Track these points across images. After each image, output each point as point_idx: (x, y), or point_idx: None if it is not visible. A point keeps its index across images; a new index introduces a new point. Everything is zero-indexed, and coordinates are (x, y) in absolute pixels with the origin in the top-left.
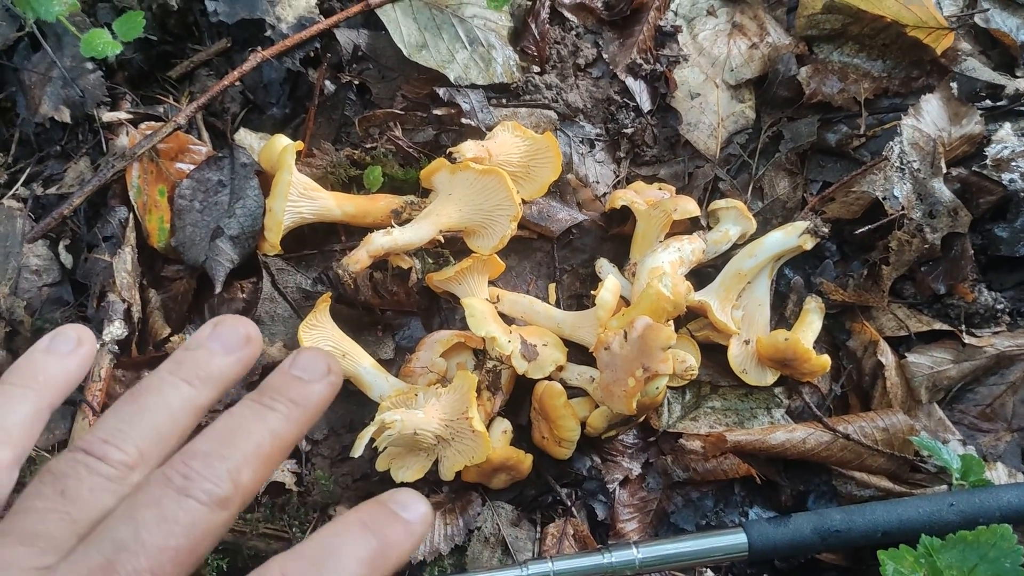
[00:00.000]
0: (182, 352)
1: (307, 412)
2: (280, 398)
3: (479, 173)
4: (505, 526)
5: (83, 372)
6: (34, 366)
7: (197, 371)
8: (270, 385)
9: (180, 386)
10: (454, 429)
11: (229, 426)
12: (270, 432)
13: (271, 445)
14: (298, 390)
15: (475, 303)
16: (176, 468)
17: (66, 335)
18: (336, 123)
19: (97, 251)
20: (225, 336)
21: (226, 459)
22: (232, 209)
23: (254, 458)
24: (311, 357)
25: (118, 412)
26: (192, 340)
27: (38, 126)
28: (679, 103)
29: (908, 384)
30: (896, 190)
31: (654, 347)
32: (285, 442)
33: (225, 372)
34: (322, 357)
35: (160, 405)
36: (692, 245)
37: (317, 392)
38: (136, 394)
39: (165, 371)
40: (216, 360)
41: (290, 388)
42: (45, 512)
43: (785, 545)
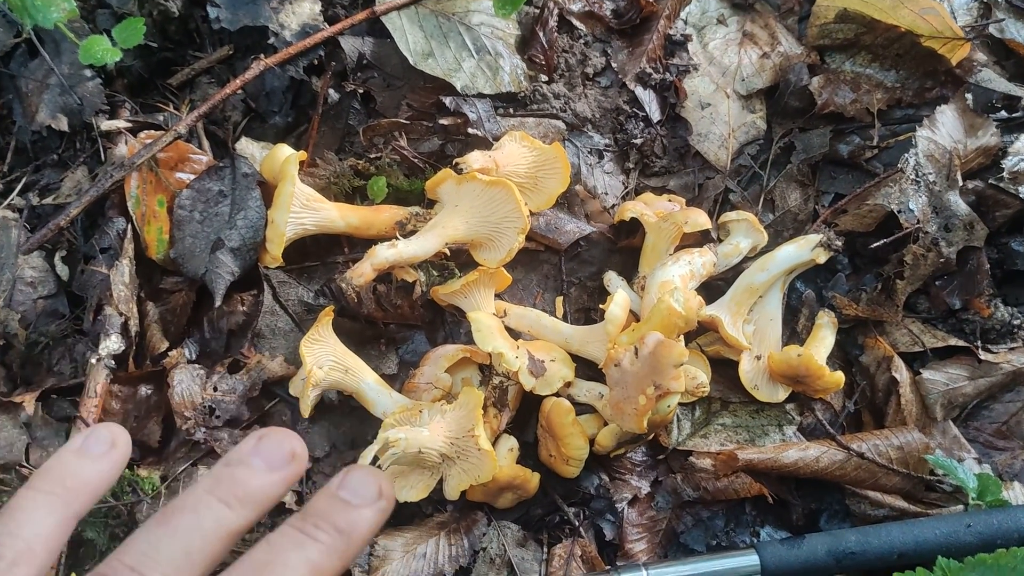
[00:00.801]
0: (222, 468)
1: (353, 543)
2: (324, 525)
3: (486, 184)
4: (511, 547)
5: (116, 476)
6: (63, 469)
7: (235, 490)
8: (314, 510)
9: (216, 507)
10: (459, 447)
11: (264, 559)
12: (309, 564)
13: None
14: (345, 516)
15: (481, 317)
16: None
17: (99, 435)
18: (340, 132)
19: (94, 263)
20: (269, 452)
21: None
22: (233, 220)
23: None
24: (361, 478)
25: (148, 533)
26: (233, 454)
27: (35, 134)
28: (689, 113)
29: (923, 401)
30: (911, 203)
31: (666, 364)
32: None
33: (267, 492)
34: (373, 479)
35: (193, 528)
36: (703, 258)
37: (366, 519)
38: (169, 514)
39: (202, 489)
40: (257, 479)
41: (336, 513)
42: None
43: (799, 567)
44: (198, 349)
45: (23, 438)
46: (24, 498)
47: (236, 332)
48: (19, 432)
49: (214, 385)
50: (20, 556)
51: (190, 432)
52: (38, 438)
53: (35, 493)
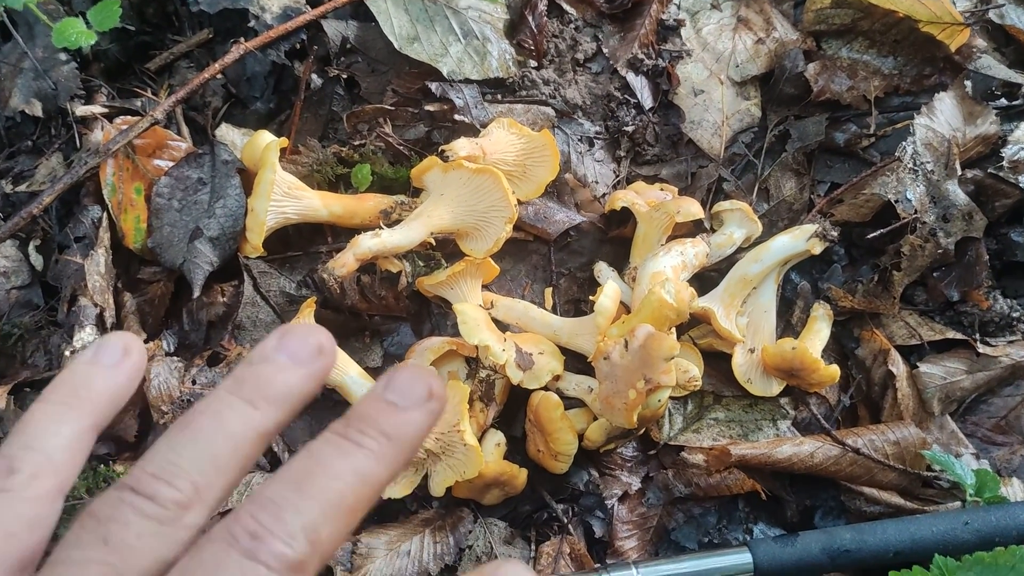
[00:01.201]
0: (243, 368)
1: (403, 448)
2: (370, 431)
3: (473, 172)
4: (498, 544)
5: (133, 386)
6: (76, 380)
7: (261, 390)
8: (358, 414)
9: (241, 407)
10: (444, 442)
11: (306, 468)
12: (356, 475)
13: (357, 492)
14: (392, 420)
15: (467, 309)
16: (242, 523)
17: (111, 344)
18: (323, 119)
19: (68, 252)
20: (294, 347)
21: (301, 512)
22: (212, 209)
23: (335, 509)
24: (409, 378)
25: (170, 440)
26: (255, 353)
27: (8, 120)
28: (682, 100)
29: (920, 395)
30: (909, 192)
31: (656, 357)
32: (374, 487)
33: (294, 390)
34: (422, 377)
35: (218, 431)
36: (695, 249)
37: (415, 422)
38: (190, 419)
39: (223, 390)
40: (283, 375)
41: (383, 417)
42: (85, 564)
43: (792, 565)
44: (176, 341)
45: None
46: (38, 411)
47: (216, 324)
48: None
49: (193, 378)
50: (40, 468)
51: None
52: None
53: (48, 405)
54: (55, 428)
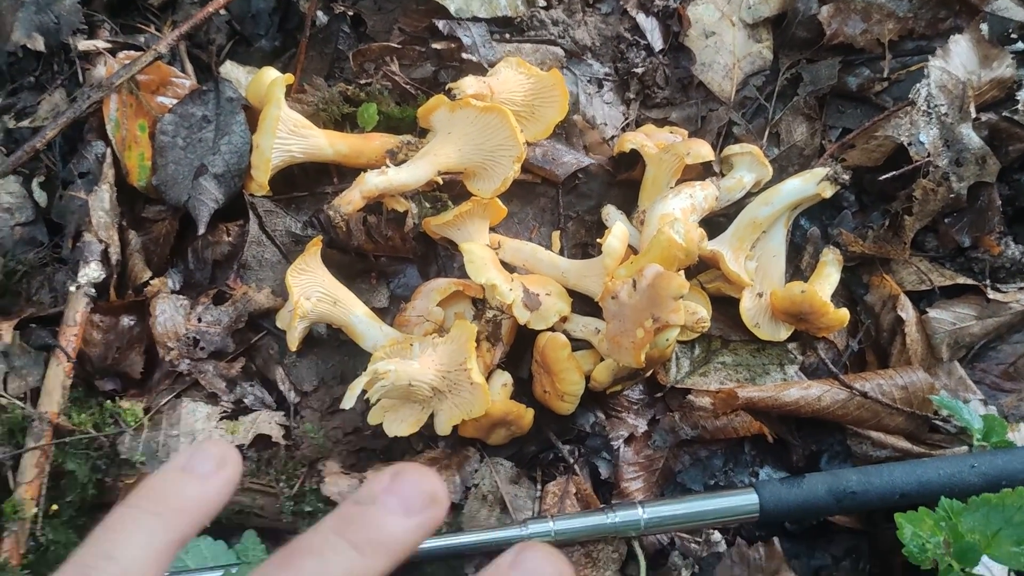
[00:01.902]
0: (351, 507)
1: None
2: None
3: (480, 111)
4: (504, 484)
5: (224, 499)
6: (167, 488)
7: (368, 533)
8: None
9: (345, 551)
10: (451, 381)
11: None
12: None
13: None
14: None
15: (475, 248)
16: None
17: (208, 453)
18: (329, 57)
19: (73, 188)
20: (406, 492)
21: None
22: (217, 146)
23: None
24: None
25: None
26: (364, 492)
27: (10, 55)
28: (693, 42)
29: (929, 341)
30: (922, 135)
31: (665, 296)
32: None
33: (403, 540)
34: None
35: (318, 574)
36: (704, 192)
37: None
38: (291, 555)
39: (329, 529)
40: (393, 523)
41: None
42: None
43: (798, 507)
44: (182, 279)
45: (1, 367)
46: (124, 517)
47: (221, 263)
48: None
49: (198, 316)
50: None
51: (174, 363)
52: (16, 367)
53: (136, 512)
54: (138, 539)
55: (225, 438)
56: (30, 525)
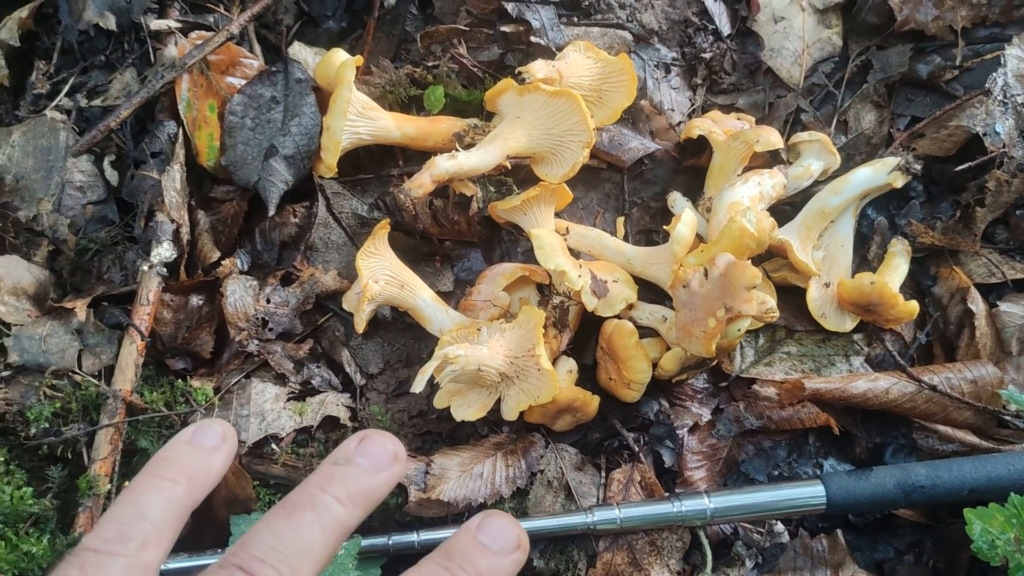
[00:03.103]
0: (330, 467)
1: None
2: (468, 568)
3: (550, 95)
4: (569, 470)
5: (224, 470)
6: (180, 459)
7: (347, 489)
8: (457, 549)
9: (331, 504)
10: (519, 366)
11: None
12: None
13: None
14: (487, 562)
15: (544, 234)
16: None
17: (212, 429)
18: (396, 39)
19: (144, 168)
20: (373, 453)
21: None
22: (287, 127)
23: None
24: (502, 526)
25: (271, 527)
26: (338, 454)
27: (82, 34)
28: (761, 27)
29: (998, 334)
30: (998, 125)
31: (737, 286)
32: None
33: (374, 491)
34: (513, 528)
35: (314, 523)
36: (773, 180)
37: (505, 568)
38: (289, 509)
39: (315, 486)
40: (365, 479)
41: (478, 557)
42: None
43: (866, 499)
44: (249, 260)
45: (75, 344)
46: (147, 484)
47: (288, 244)
48: (71, 338)
49: (267, 297)
50: (148, 538)
51: (243, 344)
52: (90, 345)
53: (158, 480)
54: (161, 502)
55: (294, 419)
56: (104, 501)
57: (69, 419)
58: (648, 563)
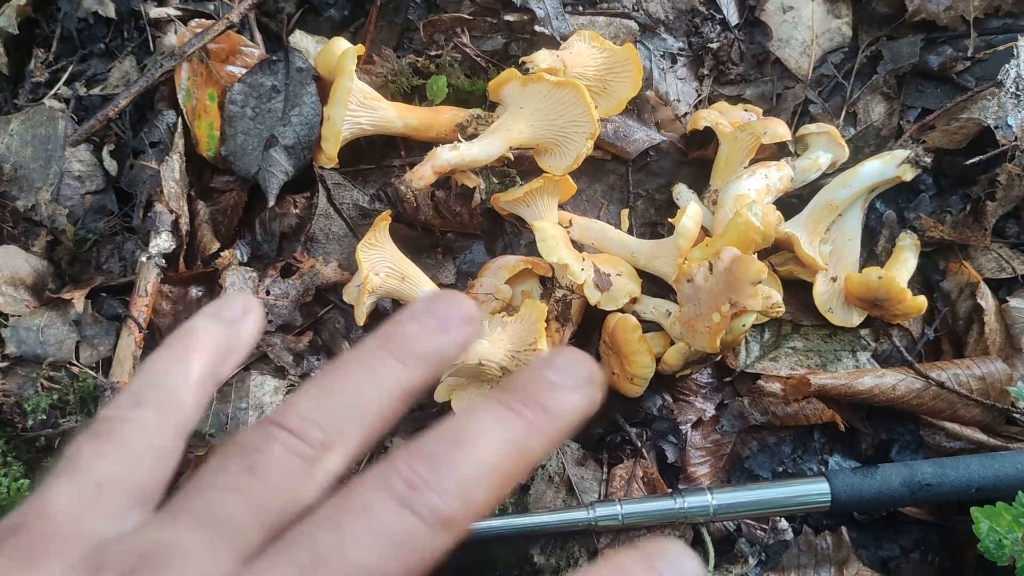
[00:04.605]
0: (392, 325)
1: (560, 425)
2: (531, 403)
3: (554, 86)
4: (570, 465)
5: (250, 344)
6: (198, 330)
7: (409, 348)
8: (518, 385)
9: (389, 362)
10: (521, 360)
11: (466, 429)
12: (513, 443)
13: (512, 460)
14: (553, 397)
15: (546, 226)
16: (398, 471)
17: (232, 301)
18: (398, 27)
19: (143, 157)
20: (442, 313)
21: (458, 470)
22: (287, 117)
23: (491, 472)
24: (572, 360)
25: (319, 384)
26: (404, 312)
27: (81, 21)
28: (769, 17)
29: (1008, 330)
30: (1010, 118)
31: (743, 281)
32: (528, 459)
33: (441, 353)
34: (585, 360)
35: (367, 381)
36: (780, 172)
37: (575, 403)
38: (339, 366)
39: (372, 345)
40: (431, 338)
41: (543, 393)
42: (229, 491)
43: (871, 497)
44: (249, 251)
45: (73, 336)
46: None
47: (288, 235)
48: (69, 329)
49: (267, 288)
50: (166, 404)
51: None
52: (88, 336)
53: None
54: (179, 370)
55: None
56: None
57: (67, 411)
58: None
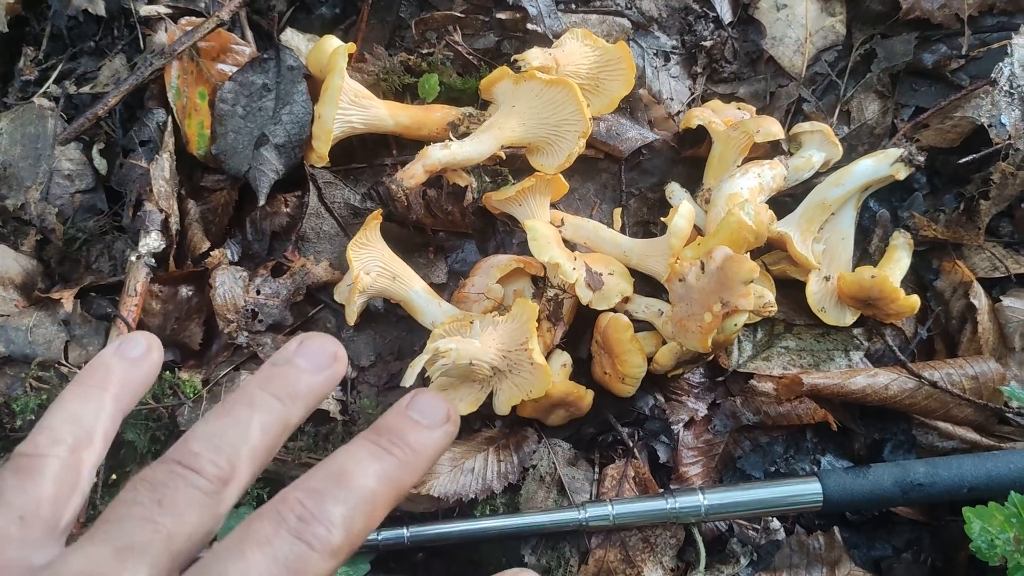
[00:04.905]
0: (269, 368)
1: (422, 460)
2: (398, 442)
3: (545, 84)
4: (562, 465)
5: (151, 380)
6: (107, 368)
7: (287, 388)
8: (386, 426)
9: (271, 402)
10: (512, 360)
11: (344, 466)
12: (387, 477)
13: (386, 492)
14: (416, 436)
15: (538, 226)
16: (289, 505)
17: (136, 340)
18: (390, 25)
19: (133, 156)
20: (312, 353)
21: (340, 502)
22: (278, 115)
23: (368, 504)
24: (430, 401)
25: (209, 424)
26: (278, 356)
27: (71, 19)
28: (763, 15)
29: (1001, 330)
30: (1003, 117)
31: (735, 280)
32: (399, 491)
33: (313, 390)
34: (442, 402)
35: (252, 420)
36: (773, 171)
37: (435, 440)
38: (228, 407)
39: (254, 386)
40: (304, 378)
41: (408, 432)
42: (141, 522)
43: (863, 497)
44: (240, 251)
45: (62, 335)
46: (75, 393)
47: (279, 234)
48: (58, 329)
49: (257, 288)
50: (80, 441)
51: (232, 336)
52: (77, 336)
53: (85, 388)
54: (91, 408)
55: None
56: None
57: None
58: (641, 560)
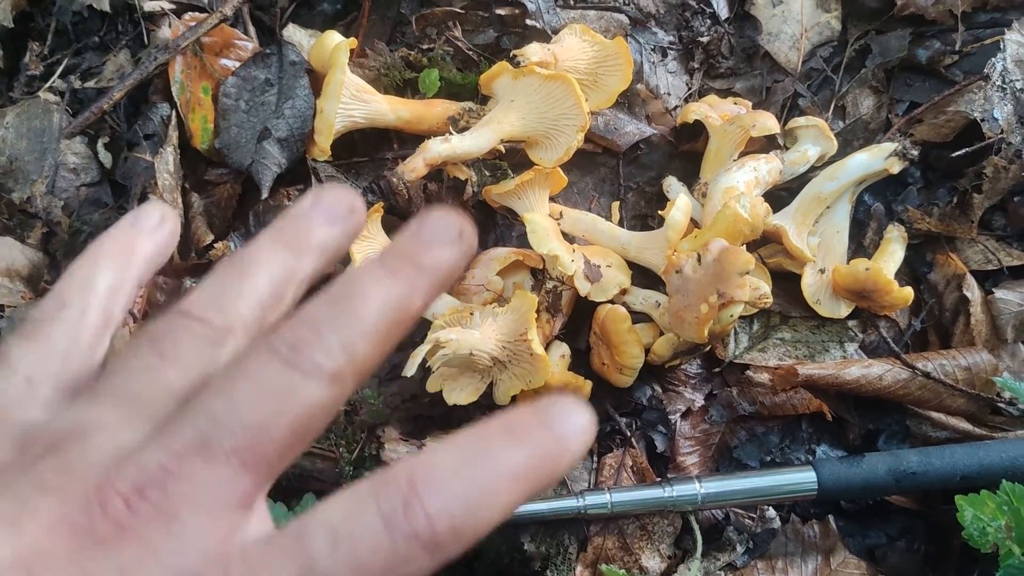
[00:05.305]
0: (282, 220)
1: (436, 280)
2: (405, 263)
3: (544, 79)
4: None
5: (168, 250)
6: (120, 239)
7: (299, 240)
8: (393, 249)
9: (281, 254)
10: (511, 351)
11: (344, 291)
12: (392, 299)
13: (393, 315)
14: (426, 255)
15: (537, 218)
16: (282, 336)
17: (150, 212)
18: (391, 21)
19: (138, 150)
20: (328, 205)
21: (339, 328)
22: (280, 110)
23: (372, 328)
24: (443, 218)
25: (217, 278)
26: (292, 210)
27: (75, 15)
28: (759, 11)
29: (993, 322)
30: (996, 111)
31: (731, 271)
32: (408, 313)
33: (329, 242)
34: (454, 218)
35: (261, 272)
36: (769, 165)
37: (448, 257)
38: (235, 261)
39: (265, 239)
40: (319, 230)
41: (417, 252)
42: (141, 372)
43: (857, 486)
44: (243, 243)
45: None
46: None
47: None
48: None
49: None
50: (90, 305)
51: None
52: None
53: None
54: (104, 274)
55: None
56: None
57: None
58: (639, 548)
